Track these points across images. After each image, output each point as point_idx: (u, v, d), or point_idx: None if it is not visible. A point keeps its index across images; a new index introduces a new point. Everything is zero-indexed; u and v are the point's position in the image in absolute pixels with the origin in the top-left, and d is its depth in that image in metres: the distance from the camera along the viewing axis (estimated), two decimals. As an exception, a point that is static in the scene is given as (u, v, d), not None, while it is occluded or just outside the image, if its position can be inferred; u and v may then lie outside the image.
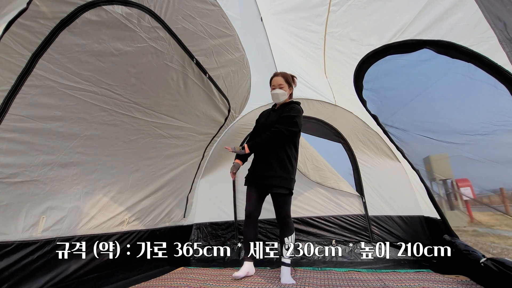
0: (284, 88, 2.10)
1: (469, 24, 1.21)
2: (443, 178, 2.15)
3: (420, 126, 2.10)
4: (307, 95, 3.12)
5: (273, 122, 2.04)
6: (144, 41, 1.64)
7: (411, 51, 1.57)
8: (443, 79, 1.61)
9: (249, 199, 2.08)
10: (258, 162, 2.08)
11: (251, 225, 2.06)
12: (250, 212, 2.06)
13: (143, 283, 2.07)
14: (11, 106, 1.31)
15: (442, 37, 1.36)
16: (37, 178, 1.57)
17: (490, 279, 1.57)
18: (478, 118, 1.57)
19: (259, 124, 2.22)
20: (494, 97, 1.34)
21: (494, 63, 1.20)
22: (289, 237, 1.96)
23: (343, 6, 1.63)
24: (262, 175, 2.00)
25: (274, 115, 2.11)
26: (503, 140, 1.47)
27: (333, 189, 2.94)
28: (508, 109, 1.30)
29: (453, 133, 1.83)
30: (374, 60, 1.83)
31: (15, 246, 1.50)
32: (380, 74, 1.94)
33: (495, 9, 1.09)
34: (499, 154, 1.58)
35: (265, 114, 2.27)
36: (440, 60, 1.46)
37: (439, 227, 2.33)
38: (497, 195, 2.05)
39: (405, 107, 1.99)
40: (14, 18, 1.07)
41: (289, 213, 2.01)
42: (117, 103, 1.83)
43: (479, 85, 1.38)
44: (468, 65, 1.32)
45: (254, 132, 2.25)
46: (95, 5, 1.34)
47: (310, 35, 2.04)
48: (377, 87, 2.10)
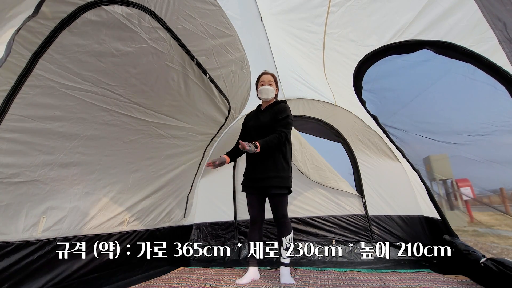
0: (273, 86, 2.13)
1: (469, 25, 1.21)
2: (443, 178, 2.15)
3: (419, 127, 2.09)
4: (307, 95, 3.12)
5: (267, 123, 2.03)
6: (145, 41, 1.64)
7: (410, 51, 1.56)
8: (442, 80, 1.61)
9: (251, 206, 2.08)
10: (253, 165, 2.06)
11: (256, 230, 2.07)
12: (255, 217, 2.07)
13: (143, 283, 2.07)
14: (11, 106, 1.31)
15: (442, 38, 1.36)
16: (38, 178, 1.57)
17: (490, 279, 1.57)
18: (478, 118, 1.57)
19: (248, 127, 2.18)
20: (494, 97, 1.34)
21: (493, 63, 1.20)
22: (287, 237, 1.95)
23: (343, 7, 1.62)
24: (260, 178, 1.99)
25: (266, 115, 2.10)
26: (502, 140, 1.47)
27: (333, 189, 2.94)
28: (508, 109, 1.29)
29: (452, 134, 1.83)
30: (373, 61, 1.83)
31: (16, 246, 1.50)
32: (379, 75, 1.94)
33: (495, 9, 1.09)
34: (498, 155, 1.58)
35: (252, 116, 2.24)
36: (439, 60, 1.46)
37: (439, 227, 2.33)
38: (497, 195, 2.05)
39: (405, 107, 1.99)
40: (22, 25, 1.07)
41: (286, 213, 2.00)
42: (117, 103, 1.83)
43: (479, 85, 1.38)
44: (468, 65, 1.32)
45: (244, 135, 2.22)
46: (95, 5, 1.33)
47: (309, 36, 2.04)
48: (376, 88, 2.10)
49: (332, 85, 2.70)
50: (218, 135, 3.22)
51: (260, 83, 2.16)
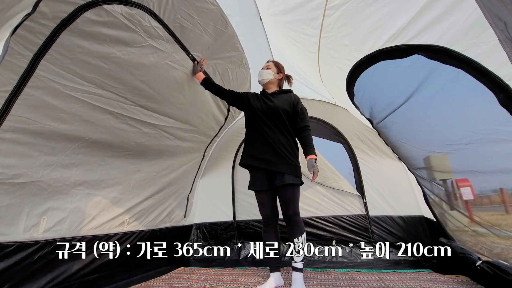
0: (271, 69, 2.02)
1: (462, 29, 1.19)
2: (443, 178, 2.15)
3: (406, 134, 2.06)
4: (307, 95, 3.12)
5: (281, 109, 1.85)
6: (146, 41, 1.63)
7: (402, 56, 1.53)
8: (430, 87, 1.54)
9: (262, 205, 1.86)
10: (262, 144, 1.82)
11: (271, 230, 1.85)
12: (268, 216, 1.85)
13: (143, 283, 2.07)
14: (13, 107, 1.31)
15: (435, 42, 1.33)
16: (39, 179, 1.57)
17: (486, 282, 1.58)
18: (463, 126, 1.51)
19: (254, 109, 1.91)
20: (481, 104, 1.31)
21: (485, 68, 1.17)
22: (299, 238, 1.70)
23: (338, 10, 1.59)
24: (271, 161, 1.75)
25: (277, 100, 1.90)
26: (486, 149, 1.40)
27: (334, 189, 2.94)
28: (493, 116, 1.24)
29: (436, 143, 1.80)
30: (365, 66, 1.80)
31: (16, 246, 1.50)
32: (371, 80, 1.89)
33: (496, 8, 1.08)
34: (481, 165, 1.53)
35: (255, 97, 2.00)
36: (430, 66, 1.42)
37: (437, 228, 2.34)
38: (497, 194, 2.05)
39: (393, 114, 1.94)
40: (20, 23, 1.07)
41: (298, 210, 1.76)
42: (123, 106, 1.82)
43: (467, 92, 1.35)
44: (458, 71, 1.28)
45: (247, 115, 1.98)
46: (95, 5, 1.33)
47: (305, 39, 2.03)
48: (368, 94, 2.06)
49: (329, 89, 2.69)
50: (218, 135, 3.22)
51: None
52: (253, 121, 1.91)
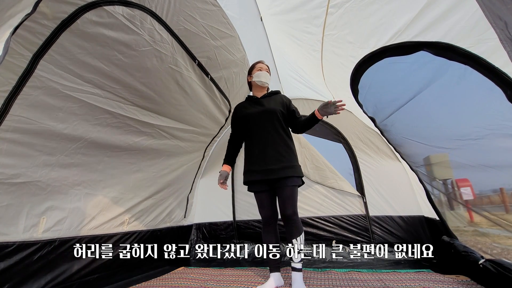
0: (268, 72, 2.04)
1: (467, 26, 1.20)
2: (443, 178, 2.15)
3: (411, 131, 2.06)
4: (307, 95, 3.12)
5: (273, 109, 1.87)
6: (149, 44, 1.62)
7: (408, 53, 1.53)
8: (437, 83, 1.56)
9: (261, 205, 1.86)
10: (263, 152, 1.81)
11: (271, 230, 1.87)
12: (268, 217, 1.86)
13: (143, 283, 2.07)
14: (12, 107, 1.30)
15: (440, 39, 1.34)
16: (39, 179, 1.57)
17: (489, 280, 1.57)
18: (471, 122, 1.52)
19: (247, 115, 1.91)
20: (489, 100, 1.31)
21: (491, 65, 1.18)
22: (297, 238, 1.71)
23: (341, 8, 1.60)
24: (273, 169, 1.76)
25: (268, 103, 1.92)
26: (495, 144, 1.42)
27: (334, 189, 2.94)
28: (502, 112, 1.25)
29: (444, 139, 1.80)
30: (370, 63, 1.80)
31: (16, 246, 1.50)
32: (376, 77, 1.90)
33: (496, 8, 1.08)
34: (491, 158, 1.54)
35: (246, 106, 1.99)
36: (437, 63, 1.43)
37: (439, 228, 2.33)
38: (497, 194, 2.05)
39: (399, 111, 1.95)
40: (20, 23, 1.07)
41: (297, 210, 1.77)
42: (121, 106, 1.82)
43: (475, 88, 1.36)
44: (465, 67, 1.29)
45: (240, 126, 1.98)
46: (95, 6, 1.32)
47: (308, 37, 2.03)
48: (372, 91, 2.06)
49: (331, 88, 2.69)
50: (219, 135, 3.22)
51: (257, 69, 2.01)
52: (250, 128, 1.89)
